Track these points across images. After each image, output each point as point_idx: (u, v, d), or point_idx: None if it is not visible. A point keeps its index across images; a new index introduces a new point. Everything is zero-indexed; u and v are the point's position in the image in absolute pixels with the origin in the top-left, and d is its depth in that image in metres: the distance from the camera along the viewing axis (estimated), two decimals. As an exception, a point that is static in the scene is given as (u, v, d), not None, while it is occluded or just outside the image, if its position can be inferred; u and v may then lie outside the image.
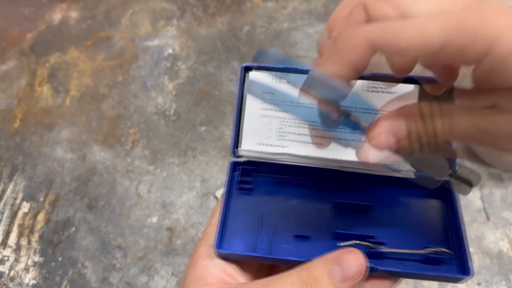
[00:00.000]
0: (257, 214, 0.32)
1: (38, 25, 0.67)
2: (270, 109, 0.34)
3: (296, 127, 0.34)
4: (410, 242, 0.30)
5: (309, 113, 0.31)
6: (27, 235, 0.47)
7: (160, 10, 0.68)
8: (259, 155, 0.33)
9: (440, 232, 0.31)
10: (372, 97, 0.33)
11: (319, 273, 0.25)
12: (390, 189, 0.34)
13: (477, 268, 0.43)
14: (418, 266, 0.29)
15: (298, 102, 0.32)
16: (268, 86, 0.33)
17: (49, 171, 0.52)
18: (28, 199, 0.50)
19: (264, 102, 0.34)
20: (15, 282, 0.44)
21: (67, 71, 0.61)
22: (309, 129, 0.33)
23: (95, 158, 0.53)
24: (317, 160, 0.32)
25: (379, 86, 0.33)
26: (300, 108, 0.32)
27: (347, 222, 0.32)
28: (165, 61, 0.62)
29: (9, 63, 0.63)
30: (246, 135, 0.34)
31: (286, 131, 0.34)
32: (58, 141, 0.55)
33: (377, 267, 0.28)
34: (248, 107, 0.34)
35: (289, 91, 0.32)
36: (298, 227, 0.31)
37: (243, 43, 0.63)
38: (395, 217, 0.32)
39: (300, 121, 0.34)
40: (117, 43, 0.64)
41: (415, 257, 0.30)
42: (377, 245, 0.30)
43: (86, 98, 0.58)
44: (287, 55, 0.30)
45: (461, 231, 0.30)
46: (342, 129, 0.27)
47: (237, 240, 0.31)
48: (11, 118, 0.57)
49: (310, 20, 0.66)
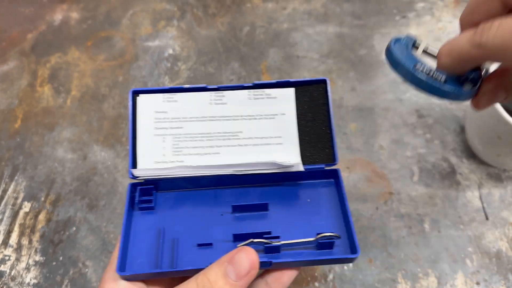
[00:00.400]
0: (159, 230, 0.33)
1: (38, 25, 0.67)
2: (164, 128, 0.35)
3: (190, 141, 0.35)
4: (304, 232, 0.33)
5: (204, 125, 0.35)
6: (28, 235, 0.47)
7: (161, 11, 0.69)
8: (157, 172, 0.34)
9: (331, 218, 0.34)
10: (257, 104, 0.36)
11: (215, 275, 0.26)
12: (283, 185, 0.36)
13: (476, 267, 0.43)
14: (311, 253, 0.31)
15: (191, 117, 0.36)
16: (160, 106, 0.36)
17: (50, 171, 0.52)
18: (29, 199, 0.50)
19: (158, 121, 0.35)
20: (16, 282, 0.44)
21: (68, 71, 0.62)
22: (204, 140, 0.35)
23: (95, 158, 0.53)
24: (213, 169, 0.34)
25: (259, 93, 0.36)
26: (194, 122, 0.35)
27: (247, 223, 0.34)
28: (166, 61, 0.62)
29: (9, 63, 0.63)
30: (142, 156, 0.35)
31: (181, 146, 0.35)
32: (59, 141, 0.55)
33: (271, 261, 0.29)
34: (141, 128, 0.35)
35: (180, 109, 0.36)
36: (201, 236, 0.33)
37: (243, 44, 0.63)
38: (289, 211, 0.35)
39: (194, 134, 0.35)
40: (118, 44, 0.65)
41: (308, 245, 0.32)
42: (272, 240, 0.31)
43: (86, 98, 0.59)
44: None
45: (347, 215, 0.32)
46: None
47: (140, 260, 0.31)
48: (11, 118, 0.57)
49: (310, 21, 0.66)
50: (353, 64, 0.60)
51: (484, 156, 0.50)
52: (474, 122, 0.49)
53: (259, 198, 0.35)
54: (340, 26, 0.65)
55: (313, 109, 0.36)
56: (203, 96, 0.36)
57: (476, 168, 0.50)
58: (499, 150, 0.47)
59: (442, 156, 0.51)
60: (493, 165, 0.50)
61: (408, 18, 0.65)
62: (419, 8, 0.67)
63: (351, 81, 0.58)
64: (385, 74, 0.59)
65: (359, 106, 0.56)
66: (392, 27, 0.64)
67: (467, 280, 0.43)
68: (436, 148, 0.52)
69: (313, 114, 0.36)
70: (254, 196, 0.35)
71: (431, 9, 0.66)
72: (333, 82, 0.58)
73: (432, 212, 0.47)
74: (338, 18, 0.66)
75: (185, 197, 0.35)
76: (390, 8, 0.67)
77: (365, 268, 0.44)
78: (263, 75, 0.60)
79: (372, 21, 0.65)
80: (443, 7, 0.66)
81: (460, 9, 0.66)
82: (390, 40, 0.29)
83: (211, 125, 0.35)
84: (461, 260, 0.44)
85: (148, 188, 0.35)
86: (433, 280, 0.43)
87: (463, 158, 0.51)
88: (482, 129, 0.47)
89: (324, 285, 0.43)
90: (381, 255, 0.44)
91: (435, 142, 0.52)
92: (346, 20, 0.65)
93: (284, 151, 0.35)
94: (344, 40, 0.63)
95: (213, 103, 0.36)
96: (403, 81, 0.29)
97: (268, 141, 0.35)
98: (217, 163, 0.34)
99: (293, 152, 0.35)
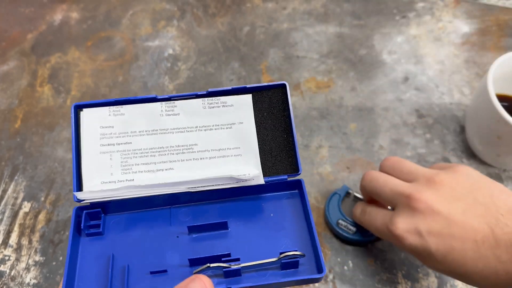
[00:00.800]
0: (109, 258, 0.30)
1: (38, 25, 0.68)
2: (110, 144, 0.32)
3: (140, 157, 0.32)
4: (267, 251, 0.30)
5: (155, 139, 0.33)
6: (28, 235, 0.47)
7: (161, 11, 0.69)
8: (103, 194, 0.31)
9: (295, 233, 0.31)
10: (212, 113, 0.33)
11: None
12: (244, 199, 0.33)
13: (476, 267, 0.43)
14: (275, 274, 0.29)
15: (140, 131, 0.33)
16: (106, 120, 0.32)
17: (50, 171, 0.52)
18: (29, 199, 0.50)
19: (103, 137, 0.32)
20: (16, 282, 0.44)
21: (68, 71, 0.62)
22: (156, 156, 0.32)
23: (95, 158, 0.53)
24: (166, 187, 0.31)
25: (215, 102, 0.33)
26: (143, 136, 0.33)
27: (206, 244, 0.31)
28: (166, 62, 0.62)
29: (9, 63, 0.63)
30: (87, 176, 0.32)
31: (130, 164, 0.32)
32: (59, 141, 0.55)
33: (230, 287, 0.27)
34: (85, 146, 0.32)
35: (128, 123, 0.33)
36: (154, 262, 0.30)
37: (243, 44, 0.63)
38: (251, 228, 0.32)
39: (144, 149, 0.33)
40: (118, 44, 0.65)
41: (271, 266, 0.29)
42: (232, 263, 0.29)
43: (86, 98, 0.59)
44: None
45: (312, 229, 0.30)
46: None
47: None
48: (11, 118, 0.57)
49: (310, 21, 0.66)
50: (353, 64, 0.60)
51: (484, 156, 0.50)
52: (474, 122, 0.49)
53: (217, 215, 0.32)
54: (340, 26, 0.65)
55: (272, 116, 0.33)
56: (153, 107, 0.33)
57: (476, 168, 0.50)
58: (499, 150, 0.47)
59: (442, 156, 0.51)
60: (493, 165, 0.50)
61: (408, 18, 0.65)
62: (419, 8, 0.66)
63: (351, 81, 0.58)
64: (385, 74, 0.59)
65: (359, 106, 0.56)
66: (392, 27, 0.64)
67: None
68: (436, 148, 0.52)
69: (273, 122, 0.33)
70: (212, 213, 0.33)
71: (431, 9, 0.66)
72: (333, 82, 0.58)
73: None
74: (338, 18, 0.66)
75: (137, 219, 0.32)
76: (390, 8, 0.67)
77: (365, 268, 0.43)
78: (263, 75, 0.60)
79: (372, 21, 0.65)
80: (443, 7, 0.66)
81: (460, 9, 0.66)
82: (330, 194, 0.46)
83: (163, 138, 0.33)
84: (461, 260, 0.44)
85: (95, 211, 0.32)
86: (433, 280, 0.43)
87: (463, 158, 0.51)
88: (482, 129, 0.47)
89: (324, 285, 0.43)
90: (381, 255, 0.44)
91: (435, 142, 0.52)
92: (346, 20, 0.65)
93: (243, 163, 0.33)
94: (344, 40, 0.63)
95: (164, 114, 0.33)
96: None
97: (226, 153, 0.33)
98: (170, 180, 0.32)
99: (253, 163, 0.33)
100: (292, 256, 0.29)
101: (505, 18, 0.64)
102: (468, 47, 0.61)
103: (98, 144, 0.32)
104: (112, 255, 0.30)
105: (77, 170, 0.32)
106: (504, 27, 0.63)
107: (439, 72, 0.59)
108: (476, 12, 0.65)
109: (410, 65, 0.60)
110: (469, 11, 0.66)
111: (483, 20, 0.64)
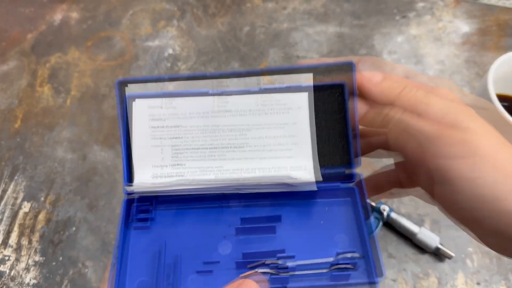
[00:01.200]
0: (157, 251, 0.30)
1: (38, 25, 0.67)
2: (161, 138, 0.32)
3: (191, 152, 0.32)
4: (321, 252, 0.29)
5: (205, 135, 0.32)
6: (27, 235, 0.47)
7: (160, 11, 0.69)
8: (155, 187, 0.31)
9: (351, 237, 0.30)
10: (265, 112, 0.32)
11: None
12: (295, 203, 0.32)
13: (477, 267, 0.43)
14: (330, 275, 0.28)
15: (192, 126, 0.32)
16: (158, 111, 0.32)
17: (50, 171, 0.52)
18: (29, 199, 0.50)
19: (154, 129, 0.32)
20: (16, 282, 0.44)
21: (68, 71, 0.62)
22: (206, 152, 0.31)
23: (95, 158, 0.53)
24: (216, 184, 0.30)
25: (268, 100, 0.32)
26: (195, 131, 0.32)
27: (256, 239, 0.30)
28: (165, 62, 0.62)
29: (9, 63, 0.63)
30: (138, 169, 0.31)
31: (181, 158, 0.32)
32: (59, 141, 0.55)
33: (284, 286, 0.27)
34: (136, 137, 0.32)
35: (179, 116, 0.32)
36: (203, 259, 0.30)
37: (243, 44, 0.63)
38: (303, 230, 0.31)
39: (195, 145, 0.32)
40: (118, 44, 0.64)
41: (326, 266, 0.28)
42: (286, 260, 0.28)
43: (86, 98, 0.59)
44: None
45: (367, 233, 0.29)
46: None
47: (137, 282, 0.29)
48: (11, 118, 0.57)
49: (310, 21, 0.66)
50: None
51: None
52: (474, 122, 0.49)
53: (266, 218, 0.32)
54: (340, 26, 0.65)
55: (328, 117, 0.32)
56: (205, 102, 0.32)
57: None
58: (499, 150, 0.47)
59: (442, 156, 0.51)
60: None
61: (408, 18, 0.65)
62: (419, 8, 0.66)
63: (351, 81, 0.58)
64: (385, 74, 0.59)
65: (359, 106, 0.56)
66: (392, 27, 0.64)
67: (468, 280, 0.43)
68: (436, 148, 0.52)
69: (328, 123, 0.32)
70: (262, 216, 0.32)
71: (432, 9, 0.66)
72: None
73: (432, 212, 0.47)
74: (338, 18, 0.66)
75: (185, 215, 0.32)
76: (390, 8, 0.67)
77: (365, 268, 0.43)
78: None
79: (372, 21, 0.65)
80: (443, 7, 0.66)
81: (461, 9, 0.66)
82: None
83: (214, 134, 0.32)
84: (462, 260, 0.44)
85: (145, 205, 0.32)
86: (434, 280, 0.43)
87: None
88: (483, 129, 0.47)
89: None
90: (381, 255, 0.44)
91: (435, 142, 0.52)
92: (346, 20, 0.65)
93: (295, 165, 0.31)
94: (344, 40, 0.63)
95: (216, 110, 0.32)
96: None
97: (277, 154, 0.32)
98: (220, 177, 0.31)
99: (306, 166, 0.31)
100: (350, 257, 0.28)
101: (505, 18, 0.64)
102: (468, 47, 0.61)
103: (150, 137, 0.32)
104: (163, 249, 0.30)
105: (127, 161, 0.32)
106: (504, 27, 0.63)
107: (439, 72, 0.59)
108: (476, 12, 0.65)
109: (410, 65, 0.60)
110: (469, 11, 0.65)
111: (483, 20, 0.64)
